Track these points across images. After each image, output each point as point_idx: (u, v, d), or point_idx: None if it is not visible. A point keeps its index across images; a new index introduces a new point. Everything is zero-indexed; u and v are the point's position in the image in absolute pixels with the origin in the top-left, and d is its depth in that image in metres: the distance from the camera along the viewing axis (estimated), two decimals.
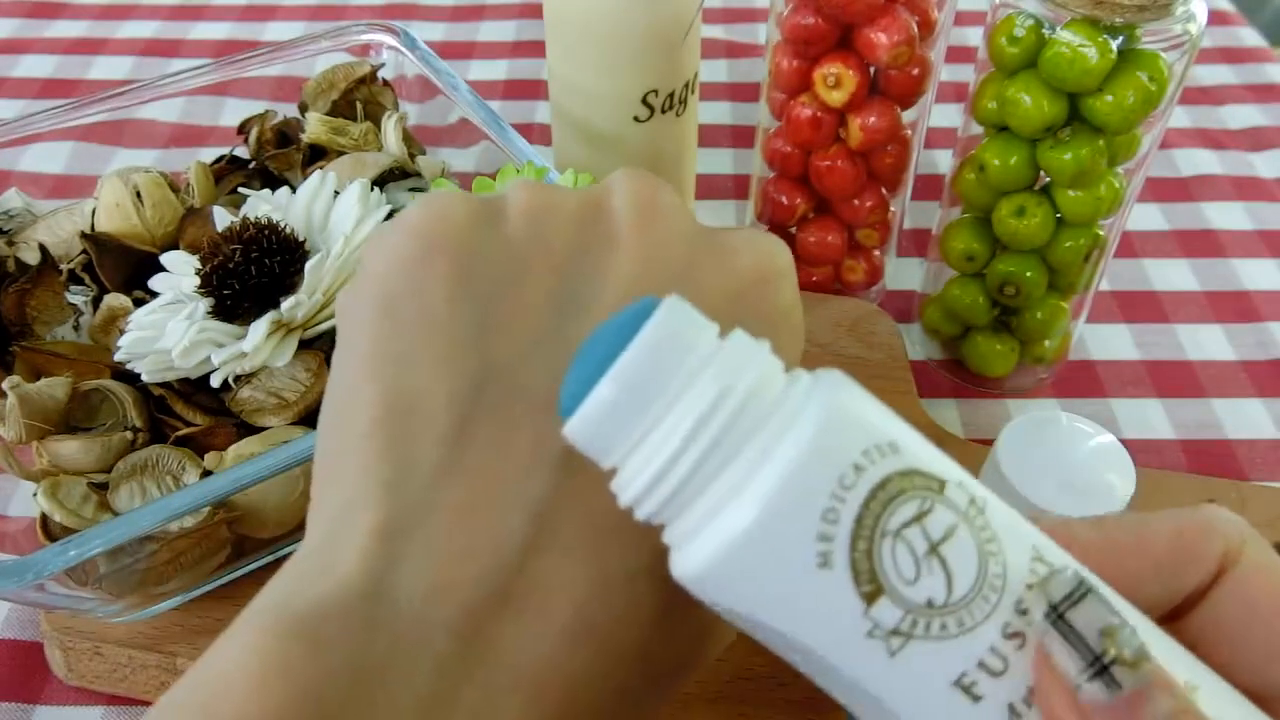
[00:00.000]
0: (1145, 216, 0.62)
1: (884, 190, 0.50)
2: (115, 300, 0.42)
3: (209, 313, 0.39)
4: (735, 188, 0.64)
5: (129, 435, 0.38)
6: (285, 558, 0.39)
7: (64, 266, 0.44)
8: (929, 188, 0.61)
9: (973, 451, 0.46)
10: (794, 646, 0.17)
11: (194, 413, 0.39)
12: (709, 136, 0.66)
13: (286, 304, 0.38)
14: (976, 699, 0.17)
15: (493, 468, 0.21)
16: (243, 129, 0.52)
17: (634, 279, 0.23)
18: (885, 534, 0.16)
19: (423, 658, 0.19)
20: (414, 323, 0.22)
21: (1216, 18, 0.78)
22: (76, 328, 0.43)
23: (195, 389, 0.39)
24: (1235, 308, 0.57)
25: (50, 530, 0.36)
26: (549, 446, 0.21)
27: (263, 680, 0.18)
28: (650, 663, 0.22)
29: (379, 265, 0.23)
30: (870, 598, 0.16)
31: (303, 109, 0.52)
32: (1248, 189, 0.64)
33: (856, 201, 0.50)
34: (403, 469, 0.21)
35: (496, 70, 0.73)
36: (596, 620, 0.20)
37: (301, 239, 0.41)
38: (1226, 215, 0.62)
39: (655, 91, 0.47)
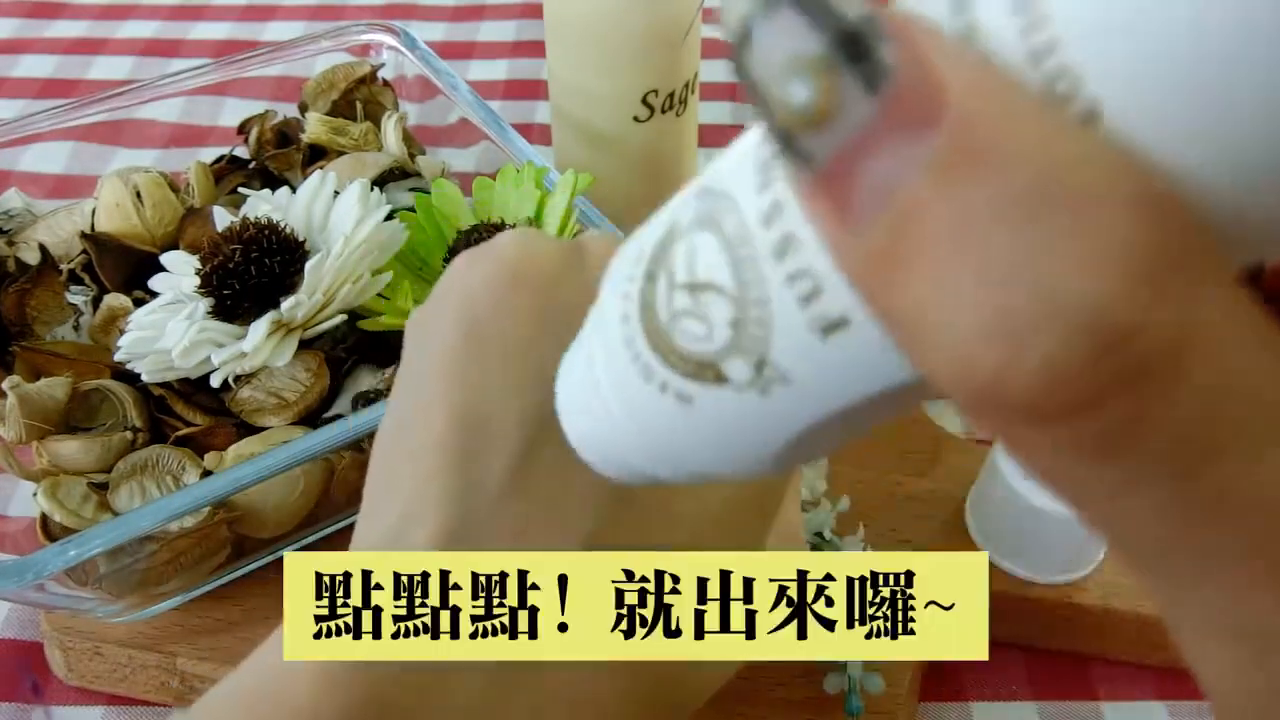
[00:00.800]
0: None
1: None
2: (115, 300, 0.42)
3: (209, 313, 0.39)
4: None
5: (129, 435, 0.38)
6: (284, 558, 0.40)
7: (64, 266, 0.44)
8: None
9: (973, 451, 0.46)
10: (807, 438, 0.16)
11: (194, 413, 0.39)
12: (709, 136, 0.66)
13: (286, 304, 0.38)
14: (847, 322, 0.14)
15: (553, 495, 0.22)
16: (243, 129, 0.52)
17: None
18: (670, 330, 0.15)
19: (476, 663, 0.20)
20: (495, 348, 0.23)
21: None
22: (76, 328, 0.43)
23: (195, 389, 0.39)
24: None
25: (50, 530, 0.37)
26: (605, 481, 0.22)
27: (328, 674, 0.18)
28: (667, 690, 0.23)
29: (466, 288, 0.24)
30: (721, 379, 0.15)
31: (303, 109, 0.52)
32: None
33: None
34: (469, 484, 0.21)
35: (496, 70, 0.73)
36: None
37: (301, 239, 0.41)
38: None
39: (655, 91, 0.47)
